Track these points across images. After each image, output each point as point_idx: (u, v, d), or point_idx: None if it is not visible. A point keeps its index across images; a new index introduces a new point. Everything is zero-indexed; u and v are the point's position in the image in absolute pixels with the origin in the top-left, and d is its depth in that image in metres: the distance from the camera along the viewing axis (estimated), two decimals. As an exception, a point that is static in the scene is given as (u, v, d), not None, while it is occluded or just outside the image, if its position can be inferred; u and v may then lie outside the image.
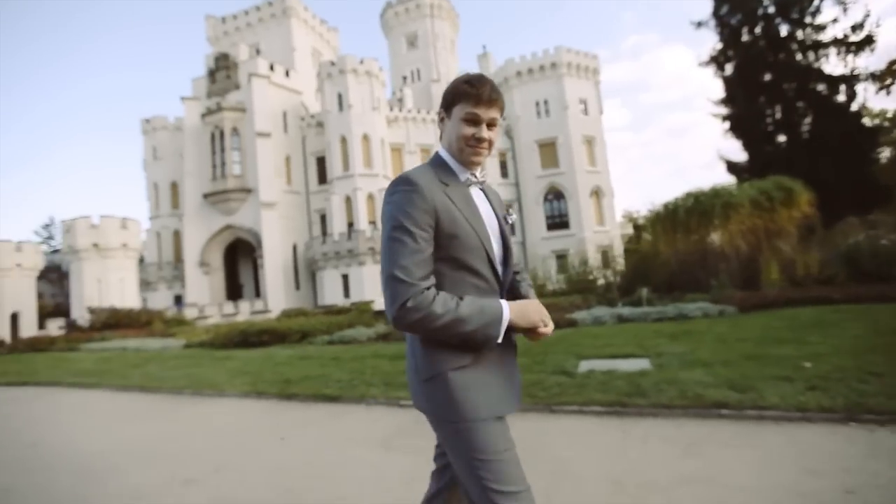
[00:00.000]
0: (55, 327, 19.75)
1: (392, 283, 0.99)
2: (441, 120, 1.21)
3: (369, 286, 27.75)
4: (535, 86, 38.47)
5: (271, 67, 33.33)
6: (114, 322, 17.35)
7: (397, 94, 44.87)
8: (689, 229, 11.32)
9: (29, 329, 21.62)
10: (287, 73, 34.58)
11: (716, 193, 11.17)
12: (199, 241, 32.65)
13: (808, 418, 2.91)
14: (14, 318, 21.98)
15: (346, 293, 28.73)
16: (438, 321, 0.98)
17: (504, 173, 38.84)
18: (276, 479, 2.89)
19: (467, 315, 1.00)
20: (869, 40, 20.32)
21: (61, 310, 24.67)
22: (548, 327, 1.12)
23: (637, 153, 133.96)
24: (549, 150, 37.87)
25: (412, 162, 35.11)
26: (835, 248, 10.25)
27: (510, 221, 1.27)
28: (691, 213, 11.11)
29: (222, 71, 33.36)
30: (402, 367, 5.41)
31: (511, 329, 1.07)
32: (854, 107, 20.53)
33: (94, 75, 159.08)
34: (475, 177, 1.20)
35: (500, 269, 1.17)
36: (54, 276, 29.29)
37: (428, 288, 1.00)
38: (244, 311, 27.24)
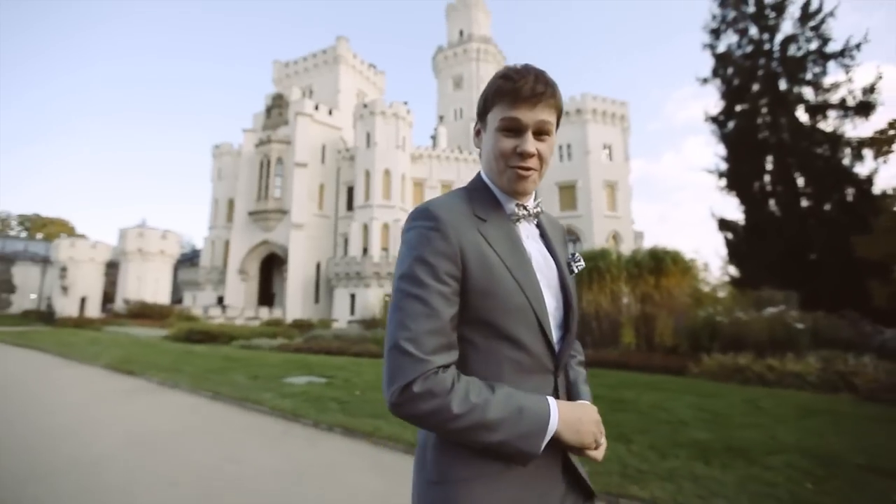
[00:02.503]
0: (98, 311, 24.69)
1: (394, 354, 0.71)
2: (477, 133, 0.92)
3: (372, 306, 30.52)
4: (560, 130, 39.86)
5: (316, 107, 38.28)
6: (141, 312, 21.57)
7: (438, 130, 48.58)
8: (599, 287, 12.50)
9: (93, 310, 26.91)
10: (330, 112, 39.41)
11: (602, 255, 12.35)
12: (241, 252, 37.75)
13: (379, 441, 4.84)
14: (83, 301, 27.45)
15: (353, 310, 31.71)
16: (454, 422, 0.69)
17: (523, 212, 40.32)
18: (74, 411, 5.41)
19: (497, 420, 0.70)
20: (866, 105, 19.85)
21: (112, 298, 30.25)
22: (600, 447, 0.81)
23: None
24: (568, 193, 38.89)
25: (432, 196, 37.87)
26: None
27: (575, 269, 0.92)
28: (592, 271, 12.35)
29: (276, 108, 38.94)
30: (220, 366, 7.76)
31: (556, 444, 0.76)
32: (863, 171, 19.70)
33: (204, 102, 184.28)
34: (525, 208, 0.88)
35: (555, 339, 0.83)
36: (115, 270, 35.70)
37: (444, 367, 0.72)
38: (264, 316, 31.21)
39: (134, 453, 3.69)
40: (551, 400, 0.77)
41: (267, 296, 39.80)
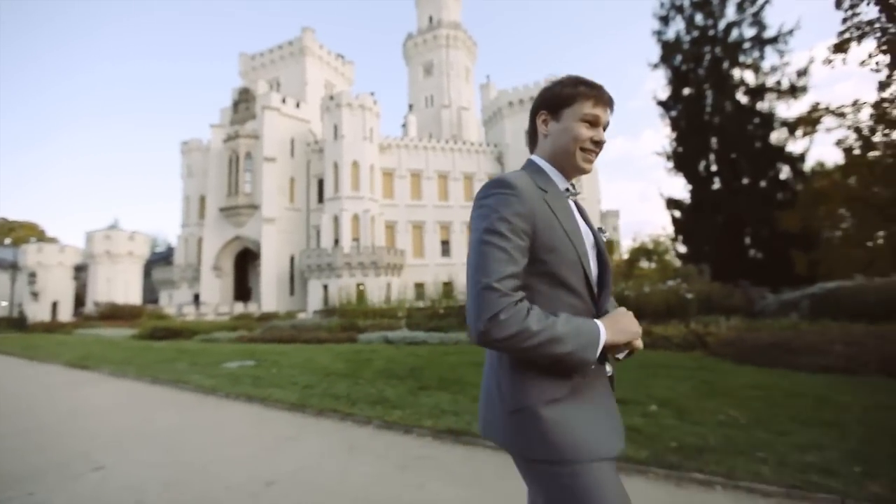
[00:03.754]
0: (68, 314, 24.91)
1: (483, 293, 0.86)
2: (544, 122, 1.09)
3: (342, 295, 31.18)
4: (524, 116, 40.58)
5: (283, 100, 38.20)
6: (112, 314, 21.95)
7: (407, 119, 48.83)
8: None
9: (65, 314, 27.04)
10: (298, 105, 39.36)
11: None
12: (214, 248, 37.88)
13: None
14: (54, 306, 27.53)
15: (326, 301, 32.34)
16: (533, 339, 0.85)
17: (493, 197, 41.17)
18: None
19: (564, 334, 0.87)
20: (795, 89, 20.99)
21: (83, 301, 30.35)
22: (639, 340, 1.01)
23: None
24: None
25: (402, 185, 38.52)
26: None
27: (603, 239, 1.13)
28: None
29: (243, 103, 38.72)
30: (170, 357, 8.45)
31: (606, 351, 0.94)
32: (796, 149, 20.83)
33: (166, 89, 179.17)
34: (573, 188, 1.10)
35: (596, 289, 1.03)
36: (85, 274, 35.64)
37: (521, 300, 0.89)
38: (238, 311, 31.64)
39: (72, 421, 4.61)
40: (597, 320, 0.95)
41: (243, 291, 40.12)
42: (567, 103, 1.04)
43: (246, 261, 40.19)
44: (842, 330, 6.16)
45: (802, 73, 21.19)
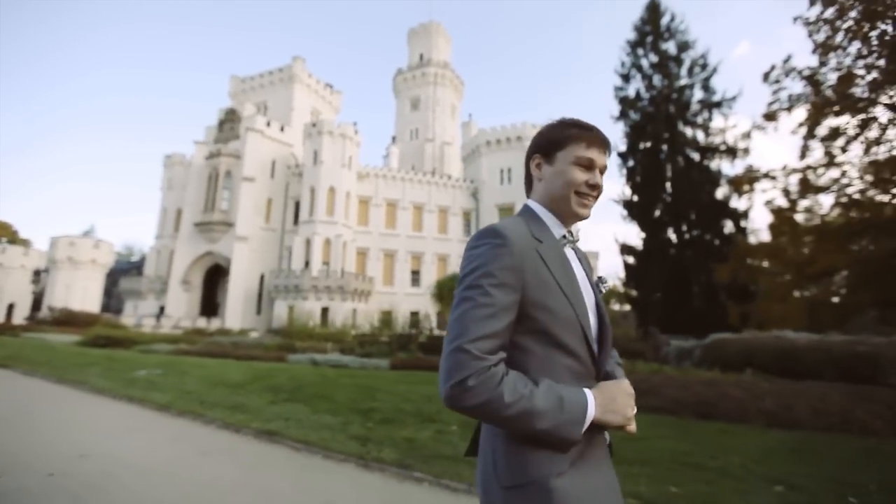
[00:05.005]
0: (21, 318, 24.84)
1: (453, 354, 0.80)
2: (537, 166, 1.04)
3: (311, 317, 31.53)
4: (501, 154, 42.52)
5: (268, 123, 39.50)
6: (67, 320, 21.99)
7: (389, 150, 50.51)
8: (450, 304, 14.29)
9: (21, 317, 26.83)
10: (282, 129, 40.69)
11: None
12: (185, 262, 38.05)
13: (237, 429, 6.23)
14: (10, 308, 27.34)
15: (295, 322, 32.59)
16: (504, 411, 0.78)
17: (467, 231, 42.41)
18: None
19: (542, 408, 0.80)
20: (732, 151, 22.81)
21: (39, 305, 30.19)
22: (632, 424, 0.91)
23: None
24: (507, 214, 41.17)
25: (377, 214, 39.56)
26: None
27: (603, 290, 1.08)
28: (451, 290, 14.18)
29: (228, 122, 39.93)
30: (90, 361, 8.96)
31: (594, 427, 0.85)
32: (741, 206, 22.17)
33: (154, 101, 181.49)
34: (571, 234, 1.03)
35: (595, 349, 0.94)
36: (45, 277, 35.49)
37: (496, 364, 0.82)
38: (201, 326, 31.61)
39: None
40: (587, 390, 0.86)
41: (211, 306, 40.03)
42: (559, 146, 1.00)
43: (217, 277, 40.31)
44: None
45: (746, 135, 23.08)
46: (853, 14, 15.55)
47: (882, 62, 15.23)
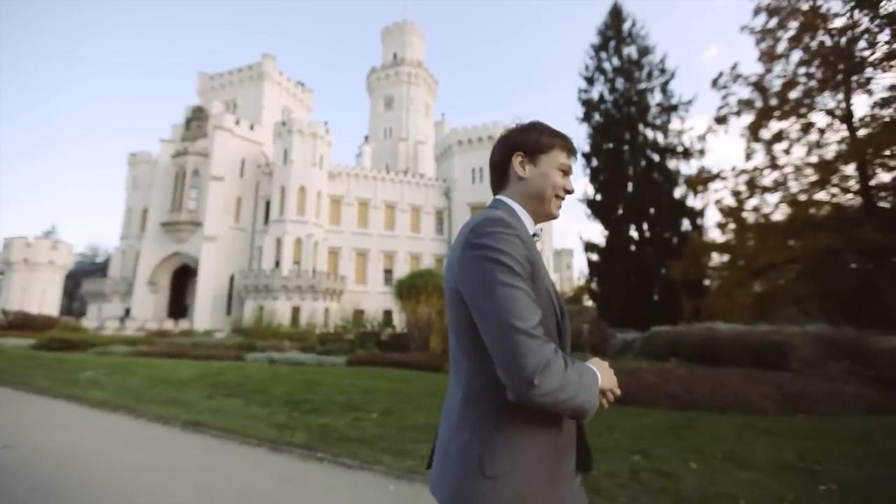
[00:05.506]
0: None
1: (521, 338, 0.79)
2: (521, 164, 1.05)
3: (277, 317, 31.38)
4: (473, 154, 43.05)
5: (237, 122, 38.98)
6: (23, 324, 21.38)
7: (362, 149, 50.46)
8: (416, 301, 14.63)
9: (-26, 323, 25.81)
10: (252, 127, 40.20)
11: (431, 274, 14.57)
12: (151, 263, 37.27)
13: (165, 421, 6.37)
14: (-37, 313, 26.32)
15: (260, 322, 32.36)
16: (570, 389, 0.80)
17: (440, 230, 42.81)
18: None
19: (585, 382, 0.84)
20: (687, 153, 23.85)
21: None
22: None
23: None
24: (478, 212, 41.83)
25: (349, 213, 39.55)
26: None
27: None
28: (411, 288, 14.48)
29: (196, 121, 39.22)
30: (38, 363, 8.96)
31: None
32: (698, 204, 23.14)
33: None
34: (539, 232, 1.07)
35: (566, 337, 1.00)
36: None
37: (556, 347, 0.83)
38: (168, 328, 31.09)
39: None
40: (588, 364, 0.92)
41: (180, 307, 39.31)
42: (545, 151, 1.04)
43: (185, 277, 39.59)
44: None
45: (702, 137, 24.16)
46: (793, 24, 16.55)
47: (818, 71, 16.27)
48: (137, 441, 4.11)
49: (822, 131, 15.90)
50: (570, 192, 1.07)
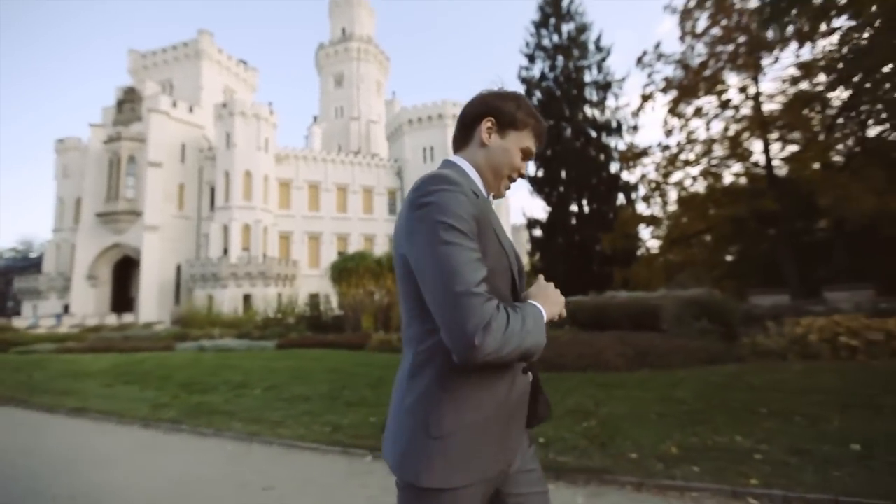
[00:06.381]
0: None
1: (464, 300, 0.77)
2: (488, 130, 1.00)
3: (227, 306, 30.98)
4: (423, 133, 42.95)
5: (174, 104, 37.12)
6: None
7: (311, 130, 49.30)
8: (347, 284, 15.03)
9: None
10: (191, 109, 38.40)
11: (362, 256, 14.98)
12: (89, 256, 35.56)
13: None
14: None
15: (198, 311, 31.86)
16: (525, 338, 0.80)
17: (392, 210, 42.86)
18: None
19: (530, 326, 0.82)
20: (619, 129, 24.94)
21: None
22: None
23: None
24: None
25: (299, 196, 38.91)
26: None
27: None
28: (342, 271, 14.86)
29: (129, 103, 37.01)
30: None
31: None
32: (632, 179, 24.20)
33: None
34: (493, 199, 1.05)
35: (520, 295, 0.97)
36: None
37: (498, 303, 0.81)
38: (111, 323, 30.07)
39: None
40: (530, 301, 0.90)
41: (124, 301, 37.90)
42: (517, 127, 1.00)
43: (128, 269, 38.07)
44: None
45: (635, 113, 25.22)
46: (708, 5, 17.52)
47: (729, 49, 17.39)
48: (19, 427, 4.43)
49: (736, 108, 17.20)
50: (523, 176, 1.05)
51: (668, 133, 19.52)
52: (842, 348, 6.36)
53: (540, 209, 28.14)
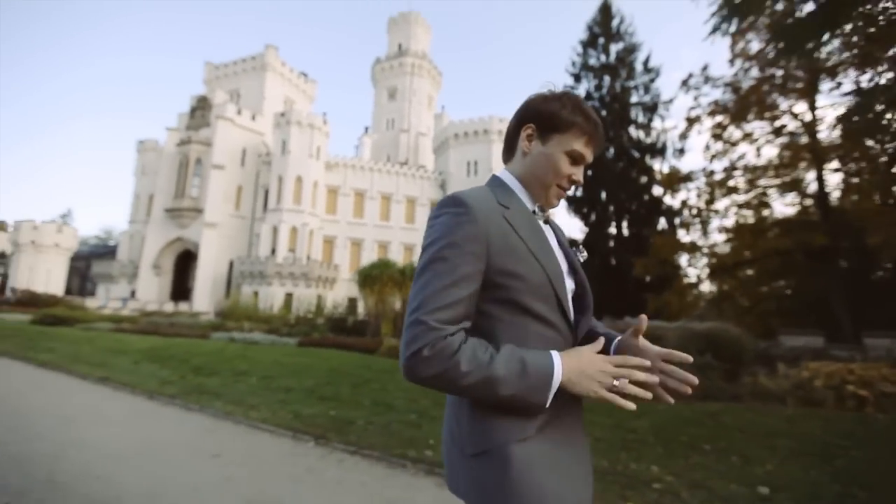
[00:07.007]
0: (-15, 299, 26.02)
1: (411, 326, 0.78)
2: (528, 137, 0.96)
3: (269, 302, 32.87)
4: (468, 147, 43.67)
5: (239, 111, 40.29)
6: (30, 301, 23.15)
7: (362, 140, 51.49)
8: (371, 290, 15.70)
9: (-11, 299, 27.83)
10: (254, 117, 41.50)
11: (386, 265, 15.60)
12: (156, 247, 39.12)
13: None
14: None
15: (254, 307, 33.94)
16: (461, 380, 0.76)
17: (434, 221, 43.67)
18: None
19: (503, 375, 0.76)
20: (662, 152, 24.29)
21: (3, 288, 31.37)
22: (618, 399, 0.81)
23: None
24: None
25: (345, 203, 40.73)
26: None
27: (581, 258, 1.03)
28: (367, 278, 15.53)
29: (200, 110, 40.64)
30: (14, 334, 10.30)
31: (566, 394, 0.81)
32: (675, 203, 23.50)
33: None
34: (542, 210, 0.98)
35: (572, 314, 0.92)
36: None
37: (453, 334, 0.78)
38: (168, 310, 32.86)
39: None
40: (554, 353, 0.81)
41: (182, 291, 41.19)
42: (560, 129, 0.92)
43: (188, 262, 41.41)
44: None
45: (682, 136, 24.50)
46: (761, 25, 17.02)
47: (784, 74, 16.73)
48: (45, 388, 5.25)
49: (791, 134, 16.37)
50: (575, 182, 0.96)
51: (712, 158, 18.82)
52: (848, 397, 6.04)
53: (577, 229, 27.70)
